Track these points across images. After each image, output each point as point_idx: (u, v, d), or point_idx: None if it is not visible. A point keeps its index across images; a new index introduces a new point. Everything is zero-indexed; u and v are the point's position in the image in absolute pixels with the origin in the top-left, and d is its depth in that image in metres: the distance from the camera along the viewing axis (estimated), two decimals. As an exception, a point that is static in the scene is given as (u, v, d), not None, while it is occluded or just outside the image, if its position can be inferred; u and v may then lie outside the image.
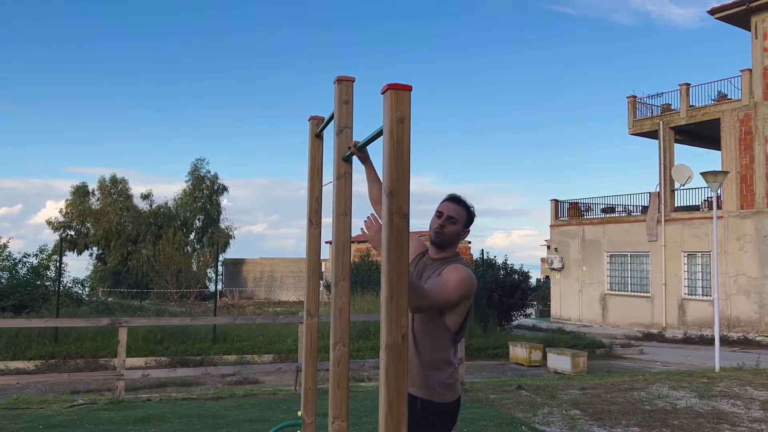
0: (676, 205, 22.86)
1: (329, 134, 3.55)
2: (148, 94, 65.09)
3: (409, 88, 2.53)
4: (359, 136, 3.06)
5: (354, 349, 13.28)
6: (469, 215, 2.79)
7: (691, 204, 23.07)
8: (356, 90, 3.52)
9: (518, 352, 13.95)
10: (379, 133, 2.77)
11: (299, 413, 4.38)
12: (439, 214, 2.78)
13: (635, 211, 24.72)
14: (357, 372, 11.27)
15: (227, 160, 76.57)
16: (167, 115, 66.65)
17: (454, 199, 2.80)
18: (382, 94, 2.54)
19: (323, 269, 26.90)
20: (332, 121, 3.54)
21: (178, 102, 66.59)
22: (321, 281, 24.71)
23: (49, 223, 39.17)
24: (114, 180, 39.17)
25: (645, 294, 22.91)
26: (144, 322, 12.10)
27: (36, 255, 17.87)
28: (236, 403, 7.28)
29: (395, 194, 2.50)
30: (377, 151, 2.80)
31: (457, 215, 2.74)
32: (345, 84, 3.52)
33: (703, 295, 21.13)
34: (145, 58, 63.21)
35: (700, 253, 21.37)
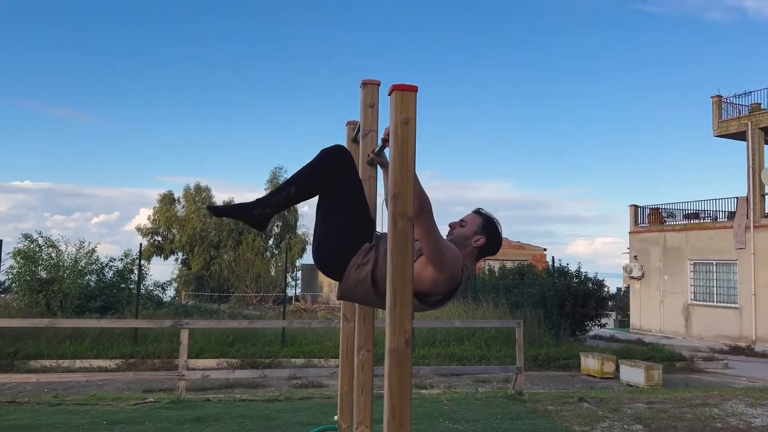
0: (766, 210, 21.50)
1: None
2: (228, 103, 67.34)
3: (414, 89, 2.48)
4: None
5: (419, 356, 13.24)
6: (485, 224, 2.85)
7: (783, 209, 21.65)
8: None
9: (590, 363, 13.47)
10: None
11: (335, 417, 4.38)
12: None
13: (721, 217, 23.43)
14: (420, 380, 11.31)
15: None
16: (247, 124, 68.72)
17: (473, 211, 2.94)
18: (389, 95, 2.50)
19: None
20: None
21: (256, 111, 68.48)
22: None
23: (138, 229, 41.15)
24: (198, 188, 40.73)
25: (732, 305, 21.61)
26: (203, 325, 12.53)
27: (121, 259, 18.77)
28: (291, 406, 7.38)
29: (400, 196, 2.45)
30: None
31: (468, 220, 2.86)
32: (370, 87, 3.51)
33: (797, 307, 19.76)
34: (226, 66, 65.52)
35: (793, 262, 20.01)
